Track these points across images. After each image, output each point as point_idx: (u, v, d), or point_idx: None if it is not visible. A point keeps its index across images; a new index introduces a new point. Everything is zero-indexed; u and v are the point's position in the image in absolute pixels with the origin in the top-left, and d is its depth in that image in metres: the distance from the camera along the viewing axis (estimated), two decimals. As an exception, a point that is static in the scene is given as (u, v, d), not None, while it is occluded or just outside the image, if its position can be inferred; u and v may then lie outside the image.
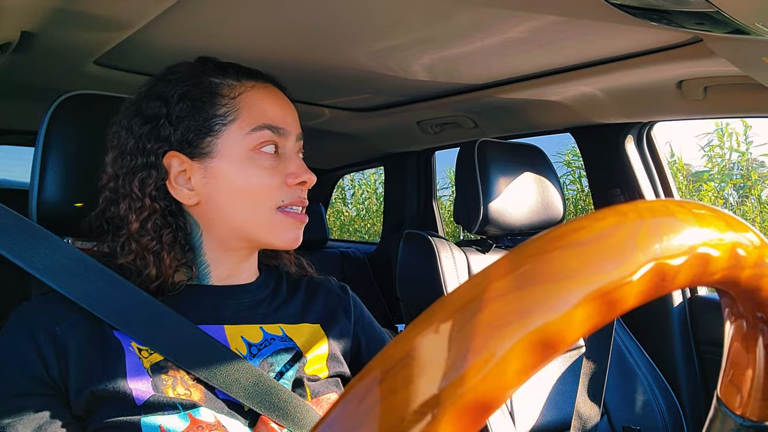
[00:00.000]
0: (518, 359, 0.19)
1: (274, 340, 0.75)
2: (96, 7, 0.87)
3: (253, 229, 0.73)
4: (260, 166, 0.72)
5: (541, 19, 0.91)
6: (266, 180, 0.72)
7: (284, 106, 0.77)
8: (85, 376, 0.63)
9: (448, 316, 0.20)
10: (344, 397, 0.20)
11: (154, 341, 0.66)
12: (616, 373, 1.42)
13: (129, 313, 0.67)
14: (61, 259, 0.68)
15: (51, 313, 0.66)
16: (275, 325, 0.77)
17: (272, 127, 0.73)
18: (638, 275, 0.21)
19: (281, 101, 0.77)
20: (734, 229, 0.24)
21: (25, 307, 0.67)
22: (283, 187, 0.73)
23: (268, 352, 0.73)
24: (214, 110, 0.72)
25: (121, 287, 0.69)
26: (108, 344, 0.66)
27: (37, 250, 0.68)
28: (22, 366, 0.63)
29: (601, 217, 0.22)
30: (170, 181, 0.72)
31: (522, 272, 0.20)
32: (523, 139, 1.75)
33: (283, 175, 0.73)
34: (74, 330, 0.65)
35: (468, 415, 0.19)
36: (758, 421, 0.30)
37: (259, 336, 0.74)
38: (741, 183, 3.41)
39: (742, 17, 0.69)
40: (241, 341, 0.73)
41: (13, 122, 1.80)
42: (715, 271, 0.23)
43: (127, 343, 0.66)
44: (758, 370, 0.29)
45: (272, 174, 0.73)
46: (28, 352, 0.63)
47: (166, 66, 0.76)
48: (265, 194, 0.72)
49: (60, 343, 0.64)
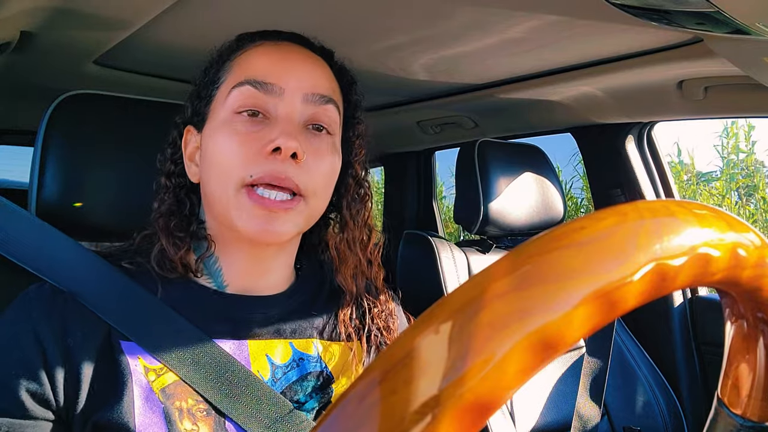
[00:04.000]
0: (518, 360, 0.19)
1: (303, 360, 0.64)
2: (96, 7, 0.87)
3: (224, 212, 0.60)
4: (232, 130, 0.59)
5: (541, 19, 0.91)
6: (234, 147, 0.58)
7: (287, 60, 0.61)
8: (92, 402, 0.54)
9: (449, 316, 0.20)
10: (344, 397, 0.19)
11: (169, 358, 0.57)
12: (617, 373, 1.42)
13: (144, 323, 0.59)
14: (72, 260, 0.63)
15: (63, 315, 0.57)
16: (309, 341, 0.65)
17: (255, 82, 0.59)
18: (639, 275, 0.21)
19: (286, 55, 0.62)
20: (735, 229, 0.24)
21: (33, 299, 0.58)
22: (256, 158, 0.57)
23: (294, 376, 0.62)
24: (214, 75, 0.65)
25: (134, 291, 0.61)
26: (117, 362, 0.57)
27: (42, 252, 0.64)
28: (24, 377, 0.53)
29: (601, 217, 0.22)
30: (186, 158, 0.66)
31: (522, 272, 0.20)
32: (523, 139, 1.75)
33: (261, 142, 0.58)
34: (87, 343, 0.56)
35: (468, 416, 0.18)
36: (759, 421, 0.29)
37: (287, 354, 0.63)
38: (747, 182, 3.41)
39: (742, 17, 0.69)
40: (265, 361, 0.62)
41: (12, 122, 1.80)
42: (716, 271, 0.23)
43: (135, 361, 0.57)
44: (759, 371, 0.28)
45: (244, 141, 0.58)
46: (32, 361, 0.54)
47: (166, 65, 0.75)
48: (231, 166, 0.58)
49: (72, 360, 0.55)
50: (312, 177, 0.60)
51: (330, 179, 0.64)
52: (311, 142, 0.61)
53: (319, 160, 0.61)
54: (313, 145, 0.61)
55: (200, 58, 0.71)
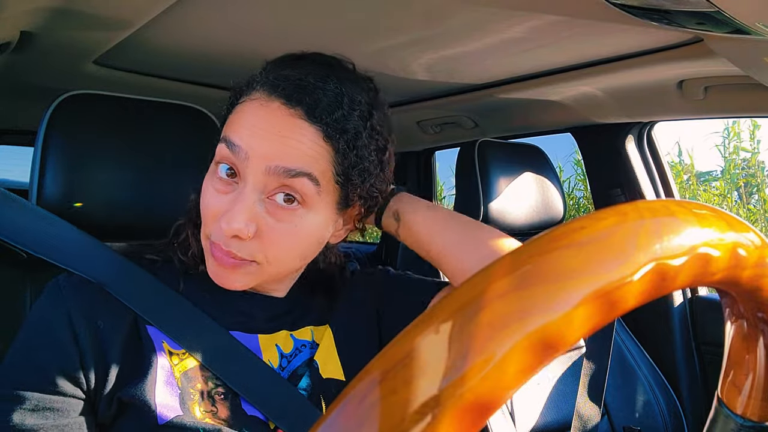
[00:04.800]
0: (519, 359, 0.19)
1: (304, 347, 0.69)
2: (96, 7, 0.87)
3: None
4: (210, 185, 0.61)
5: (541, 19, 0.91)
6: (207, 202, 0.61)
7: (267, 123, 0.58)
8: (118, 381, 0.58)
9: (449, 316, 0.20)
10: (344, 397, 0.19)
11: (190, 344, 0.62)
12: (617, 373, 1.42)
13: (166, 312, 0.64)
14: (95, 256, 0.69)
15: (93, 301, 0.61)
16: (305, 330, 0.71)
17: (229, 141, 0.59)
18: (639, 275, 0.21)
19: (268, 117, 0.58)
20: (735, 229, 0.24)
21: (64, 287, 0.62)
22: (214, 222, 0.59)
23: (297, 362, 0.68)
24: (227, 112, 0.65)
25: (154, 285, 0.66)
26: (143, 344, 0.61)
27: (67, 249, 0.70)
28: (57, 358, 0.57)
29: (601, 217, 0.22)
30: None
31: (522, 272, 0.20)
32: (523, 139, 1.75)
33: (221, 210, 0.59)
34: (116, 326, 0.61)
35: (468, 416, 0.18)
36: (759, 421, 0.29)
37: (290, 344, 0.69)
38: (749, 182, 3.40)
39: (742, 17, 0.69)
40: (275, 351, 0.67)
41: (12, 122, 1.80)
42: (716, 271, 0.23)
43: (159, 345, 0.62)
44: (759, 371, 0.28)
45: (212, 202, 0.60)
46: (64, 341, 0.58)
47: (166, 65, 0.75)
48: (204, 217, 0.61)
49: (101, 341, 0.59)
50: (265, 248, 0.59)
51: (295, 246, 0.62)
52: (274, 214, 0.59)
53: (278, 234, 0.59)
54: (275, 217, 0.59)
55: (200, 58, 0.71)
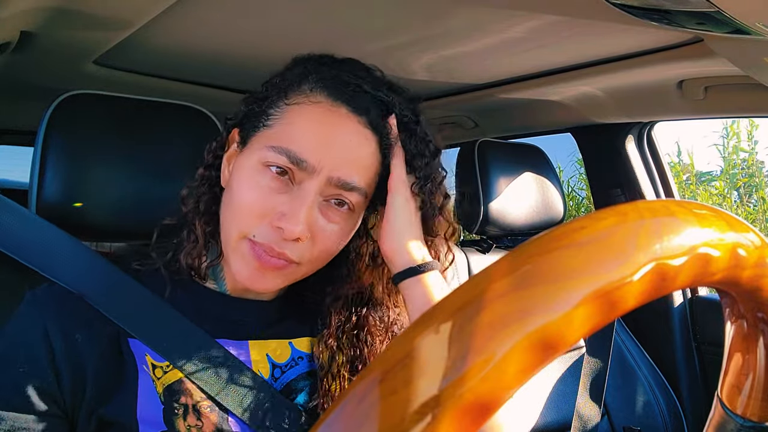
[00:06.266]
0: (519, 360, 0.19)
1: (302, 359, 0.67)
2: (96, 7, 0.87)
3: (225, 245, 0.62)
4: (255, 183, 0.59)
5: (541, 19, 0.91)
6: (251, 200, 0.59)
7: (331, 136, 0.60)
8: (97, 397, 0.56)
9: (449, 316, 0.20)
10: (344, 397, 0.19)
11: (175, 356, 0.59)
12: (617, 373, 1.42)
13: (149, 323, 0.61)
14: (79, 263, 0.65)
15: (71, 313, 0.59)
16: (306, 340, 0.68)
17: (291, 154, 0.58)
18: (639, 275, 0.21)
19: (333, 129, 0.60)
20: (735, 229, 0.24)
21: (41, 299, 0.60)
22: (262, 222, 0.58)
23: (292, 375, 0.65)
24: (269, 106, 0.63)
25: (141, 294, 0.63)
26: (124, 360, 0.59)
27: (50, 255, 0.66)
28: (33, 374, 0.55)
29: (601, 217, 0.22)
30: (225, 158, 0.66)
31: (522, 272, 0.20)
32: (523, 139, 1.75)
33: (274, 210, 0.58)
34: (95, 340, 0.58)
35: (468, 416, 0.18)
36: (759, 421, 0.29)
37: (286, 353, 0.66)
38: (748, 182, 3.40)
39: (742, 17, 0.69)
40: (265, 360, 0.64)
41: (12, 122, 1.80)
42: (716, 271, 0.23)
43: (141, 359, 0.59)
44: (759, 371, 0.28)
45: (261, 199, 0.59)
46: (40, 357, 0.56)
47: (166, 65, 0.75)
48: (243, 216, 0.59)
49: (79, 355, 0.57)
50: (312, 250, 0.60)
51: (337, 248, 0.64)
52: (326, 214, 0.61)
53: (327, 235, 0.61)
54: (327, 218, 0.61)
55: (200, 58, 0.71)
